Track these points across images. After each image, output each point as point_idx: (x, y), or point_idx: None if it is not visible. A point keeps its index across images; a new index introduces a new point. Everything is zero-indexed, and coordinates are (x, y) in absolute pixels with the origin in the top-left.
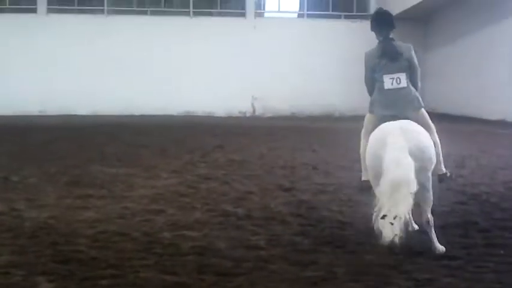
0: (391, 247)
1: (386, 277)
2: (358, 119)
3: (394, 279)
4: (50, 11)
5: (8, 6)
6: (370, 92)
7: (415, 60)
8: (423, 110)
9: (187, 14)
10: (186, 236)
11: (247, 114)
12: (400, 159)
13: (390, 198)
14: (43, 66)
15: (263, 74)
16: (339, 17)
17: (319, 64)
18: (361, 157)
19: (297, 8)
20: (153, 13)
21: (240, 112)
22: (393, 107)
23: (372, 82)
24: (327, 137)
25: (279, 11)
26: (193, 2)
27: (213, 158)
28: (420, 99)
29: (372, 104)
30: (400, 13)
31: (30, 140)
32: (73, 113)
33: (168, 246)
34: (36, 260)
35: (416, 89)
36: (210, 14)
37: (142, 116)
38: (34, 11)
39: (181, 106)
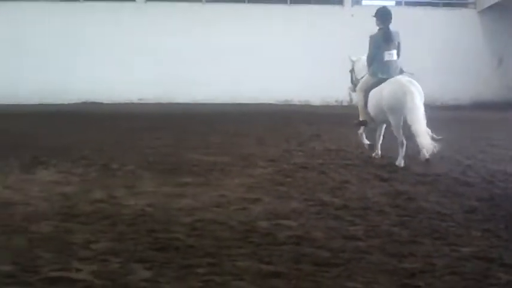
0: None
1: (485, 270)
2: (460, 108)
3: (493, 272)
4: None
5: None
6: (370, 64)
7: (401, 42)
8: None
9: (284, 1)
10: (283, 225)
11: (344, 103)
12: (421, 105)
13: (422, 126)
14: (141, 55)
15: None
16: (437, 5)
17: (416, 52)
18: (359, 105)
19: None
20: (251, 1)
21: (336, 101)
22: (388, 72)
23: (374, 56)
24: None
25: None
26: None
27: (309, 146)
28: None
29: (373, 71)
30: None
31: (129, 127)
32: (172, 101)
33: (264, 235)
34: (134, 248)
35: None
36: (308, 2)
37: (241, 104)
38: None
39: (280, 95)
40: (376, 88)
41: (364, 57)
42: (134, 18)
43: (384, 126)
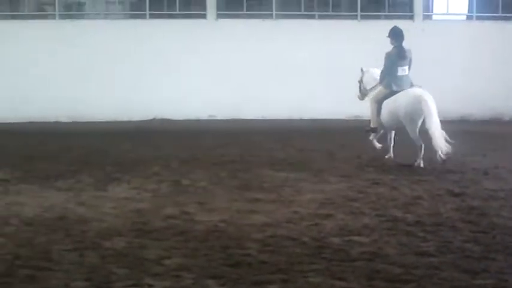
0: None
1: None
2: None
3: None
4: (219, 16)
5: (178, 12)
6: (383, 78)
7: (412, 58)
8: None
9: (354, 17)
10: (355, 241)
11: None
12: (435, 112)
13: (438, 130)
14: (212, 72)
15: (432, 76)
16: (509, 18)
17: (488, 67)
18: (372, 113)
19: (465, 9)
20: (321, 17)
21: None
22: (401, 85)
23: (389, 71)
24: (497, 141)
25: (447, 13)
26: (360, 5)
27: (381, 162)
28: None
29: (388, 83)
30: None
31: (200, 144)
32: (242, 117)
33: (337, 251)
34: (207, 264)
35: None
36: (378, 18)
37: (311, 120)
38: (204, 16)
39: (350, 110)
40: (391, 98)
41: (373, 70)
42: (205, 35)
43: (394, 132)
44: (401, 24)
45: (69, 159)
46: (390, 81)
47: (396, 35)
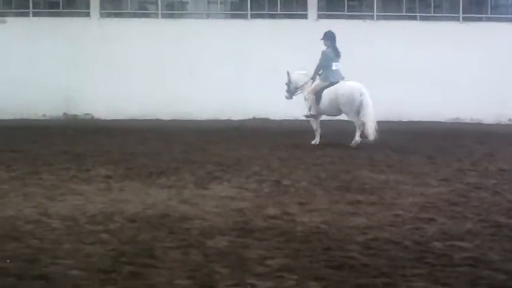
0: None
1: None
2: None
3: None
4: (320, 16)
5: (279, 12)
6: (318, 72)
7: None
8: None
9: (457, 19)
10: (458, 247)
11: None
12: (370, 102)
13: (372, 116)
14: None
15: None
16: None
17: None
18: (312, 103)
19: None
20: (422, 18)
21: (509, 120)
22: (336, 78)
23: (326, 66)
24: None
25: None
26: (462, 7)
27: (483, 166)
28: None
29: (325, 77)
30: None
31: (299, 144)
32: (341, 118)
33: (440, 256)
34: (309, 265)
35: None
36: (480, 20)
37: (409, 122)
38: (305, 16)
39: (449, 113)
40: (330, 90)
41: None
42: (306, 35)
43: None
44: (504, 27)
45: (171, 156)
46: (328, 74)
47: (330, 37)
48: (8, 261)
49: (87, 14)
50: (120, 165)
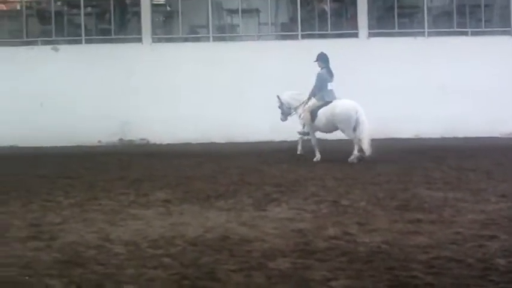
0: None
1: None
2: None
3: None
4: (370, 35)
5: (329, 32)
6: (315, 93)
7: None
8: None
9: (508, 33)
10: None
11: None
12: (366, 119)
13: (367, 133)
14: (363, 90)
15: None
16: None
17: None
18: (307, 122)
19: None
20: (474, 33)
21: None
22: (330, 97)
23: (321, 87)
24: None
25: None
26: None
27: None
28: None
29: (321, 96)
30: None
31: (354, 163)
32: (394, 136)
33: (504, 273)
34: (373, 285)
35: None
36: None
37: (465, 139)
38: (355, 35)
39: (506, 128)
40: (327, 108)
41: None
42: (357, 54)
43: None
44: None
45: (228, 179)
46: (323, 95)
47: (323, 59)
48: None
49: (139, 40)
50: (178, 189)
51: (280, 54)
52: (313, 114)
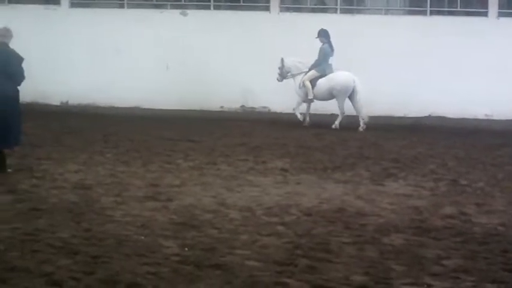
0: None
1: None
2: None
3: None
4: (500, 14)
5: (459, 9)
6: (316, 65)
7: None
8: None
9: None
10: None
11: None
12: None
13: (362, 103)
14: (491, 70)
15: None
16: None
17: None
18: (309, 90)
19: None
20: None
21: None
22: (330, 70)
23: (324, 61)
24: None
25: None
26: None
27: None
28: None
29: (322, 69)
30: None
31: (476, 143)
32: None
33: None
34: (487, 267)
35: None
36: None
37: None
38: (485, 14)
39: None
40: (326, 78)
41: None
42: (485, 33)
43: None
44: None
45: (346, 152)
46: (324, 67)
47: (325, 35)
48: (186, 249)
49: (267, 8)
50: (296, 159)
51: (407, 30)
52: (312, 83)
